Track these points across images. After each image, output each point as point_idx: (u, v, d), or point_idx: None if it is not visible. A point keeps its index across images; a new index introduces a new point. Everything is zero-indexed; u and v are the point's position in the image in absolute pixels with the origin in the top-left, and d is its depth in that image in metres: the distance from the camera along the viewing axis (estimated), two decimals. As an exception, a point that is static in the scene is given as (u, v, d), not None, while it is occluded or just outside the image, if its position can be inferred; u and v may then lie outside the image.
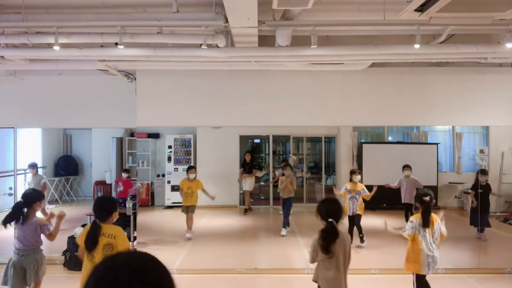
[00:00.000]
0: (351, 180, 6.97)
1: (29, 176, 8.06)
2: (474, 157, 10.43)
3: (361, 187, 6.89)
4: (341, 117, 6.77)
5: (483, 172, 7.56)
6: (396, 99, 6.71)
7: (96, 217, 3.52)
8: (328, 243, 3.20)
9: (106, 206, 3.57)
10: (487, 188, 7.49)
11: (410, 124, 10.20)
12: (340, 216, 3.30)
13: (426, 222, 4.13)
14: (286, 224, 7.88)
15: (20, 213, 4.06)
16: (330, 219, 3.24)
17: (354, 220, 6.87)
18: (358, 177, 6.88)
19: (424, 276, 4.25)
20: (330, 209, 3.31)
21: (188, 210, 7.71)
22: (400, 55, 5.61)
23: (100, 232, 3.40)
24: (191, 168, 8.01)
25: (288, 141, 11.86)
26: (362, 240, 6.92)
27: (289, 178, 7.85)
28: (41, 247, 4.20)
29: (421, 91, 6.68)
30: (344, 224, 7.71)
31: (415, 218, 4.23)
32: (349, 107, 6.72)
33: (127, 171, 8.57)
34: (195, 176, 7.83)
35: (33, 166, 8.04)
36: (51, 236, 4.09)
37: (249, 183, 9.81)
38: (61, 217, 4.05)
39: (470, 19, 4.37)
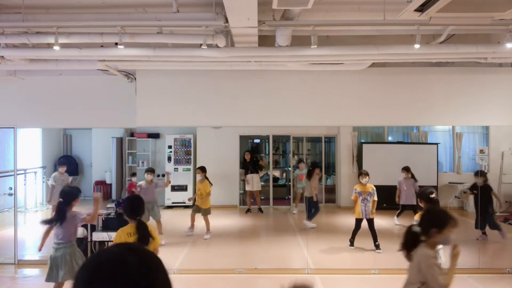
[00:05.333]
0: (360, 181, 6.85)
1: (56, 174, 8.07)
2: (474, 157, 10.43)
3: (371, 187, 6.75)
4: (341, 117, 6.76)
5: (479, 173, 7.44)
6: (396, 99, 6.70)
7: (137, 216, 3.61)
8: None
9: (141, 205, 3.73)
10: (485, 190, 7.29)
11: (410, 124, 10.20)
12: None
13: None
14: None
15: (64, 213, 4.20)
16: None
17: (369, 225, 6.73)
18: (366, 178, 6.72)
19: None
20: None
21: (201, 212, 7.62)
22: (400, 55, 5.61)
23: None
24: (197, 169, 7.84)
25: (288, 141, 11.87)
26: (378, 248, 6.70)
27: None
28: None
29: (421, 91, 6.68)
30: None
31: (419, 217, 4.30)
32: (349, 107, 6.70)
33: (135, 174, 8.61)
34: (201, 178, 7.68)
35: (64, 163, 8.08)
36: (90, 220, 4.38)
37: (257, 183, 9.78)
38: (96, 200, 4.31)
39: (470, 19, 4.37)
